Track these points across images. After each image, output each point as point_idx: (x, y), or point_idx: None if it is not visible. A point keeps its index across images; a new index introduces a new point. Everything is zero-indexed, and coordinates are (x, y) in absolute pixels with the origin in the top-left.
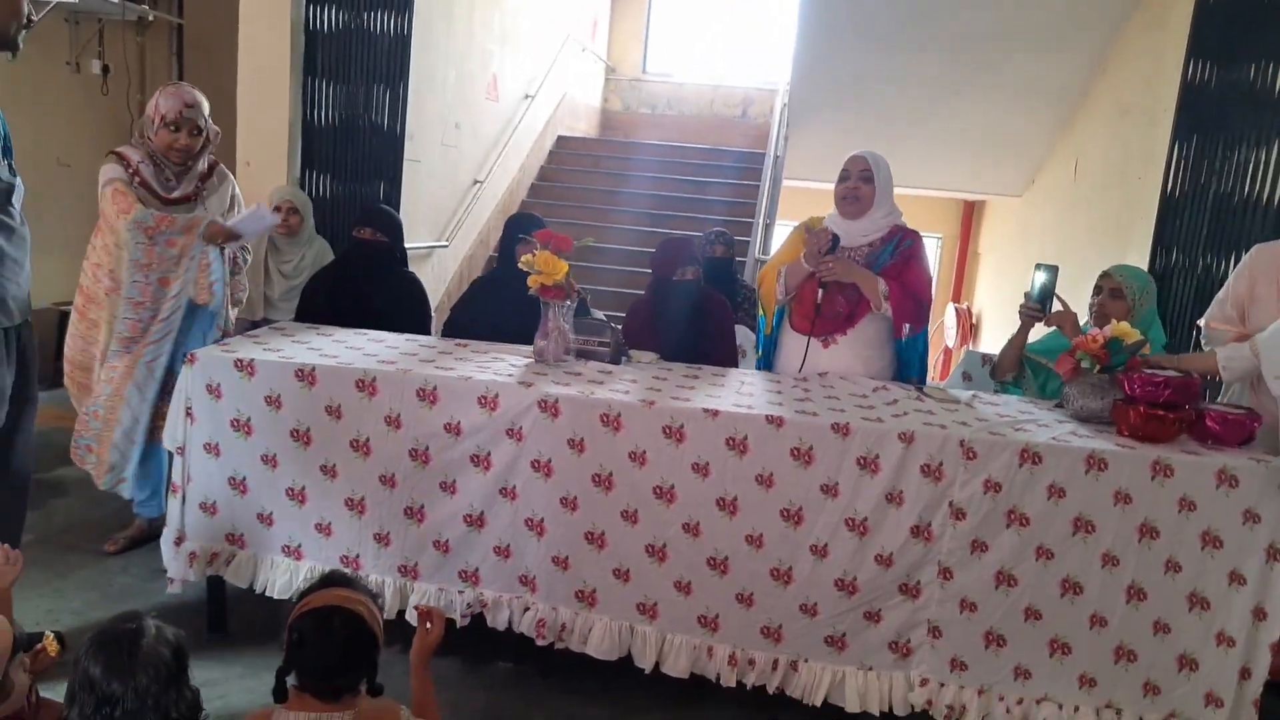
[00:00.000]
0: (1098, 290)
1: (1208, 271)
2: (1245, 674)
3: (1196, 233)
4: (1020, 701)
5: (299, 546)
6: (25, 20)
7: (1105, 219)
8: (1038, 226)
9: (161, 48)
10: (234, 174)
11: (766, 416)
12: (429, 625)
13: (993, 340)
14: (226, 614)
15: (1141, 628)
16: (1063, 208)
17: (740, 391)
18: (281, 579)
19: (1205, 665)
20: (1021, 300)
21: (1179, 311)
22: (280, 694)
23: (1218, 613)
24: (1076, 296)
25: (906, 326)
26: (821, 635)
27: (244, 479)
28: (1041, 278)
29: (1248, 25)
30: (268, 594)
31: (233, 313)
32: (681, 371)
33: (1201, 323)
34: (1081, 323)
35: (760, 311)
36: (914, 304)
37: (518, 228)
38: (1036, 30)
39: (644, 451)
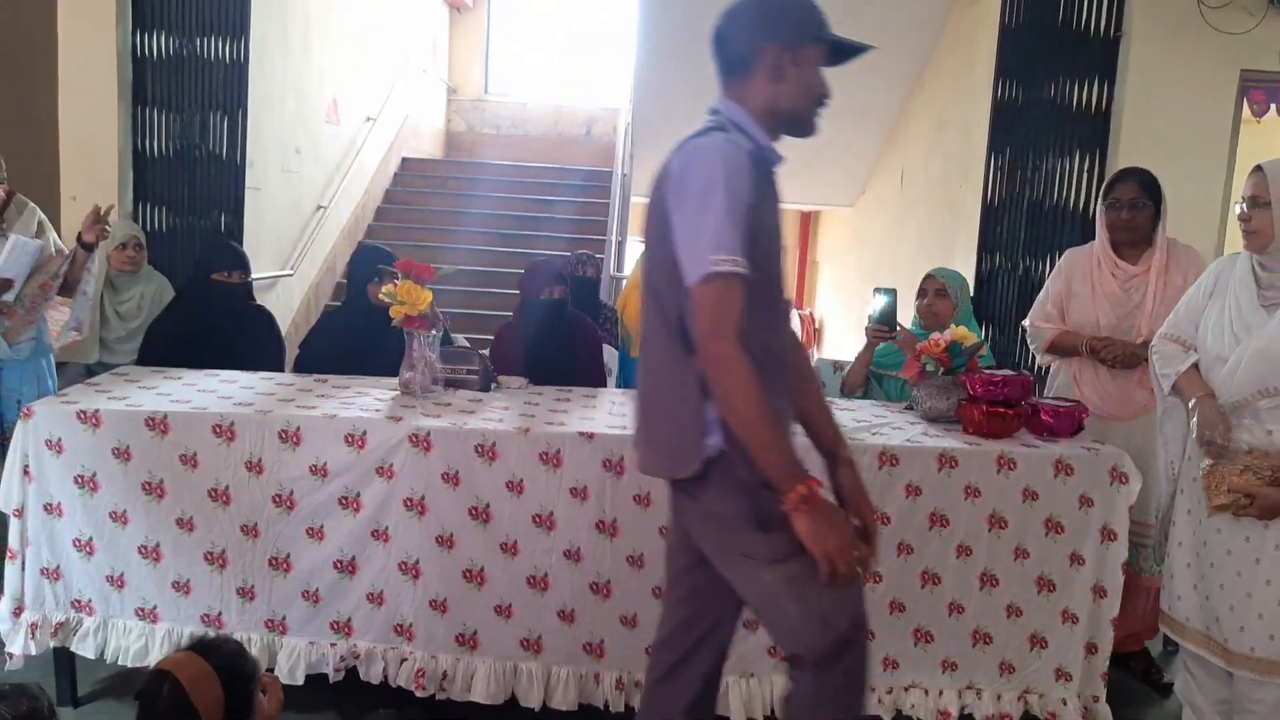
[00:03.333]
0: (923, 293)
1: (1027, 273)
2: (1091, 649)
3: (1015, 237)
4: (890, 691)
5: (154, 608)
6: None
7: (931, 226)
8: (870, 235)
9: None
10: (60, 208)
11: None
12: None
13: (835, 344)
14: (77, 686)
15: (995, 612)
16: (892, 217)
17: (612, 412)
18: (135, 645)
19: (1054, 643)
20: (866, 322)
21: (1004, 311)
22: None
23: (1062, 593)
24: (908, 299)
25: None
26: None
27: (90, 540)
28: (882, 301)
29: (1045, 48)
30: (120, 662)
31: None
32: (553, 395)
33: (1026, 323)
34: (909, 324)
35: (624, 334)
36: None
37: (366, 263)
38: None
39: (521, 480)
